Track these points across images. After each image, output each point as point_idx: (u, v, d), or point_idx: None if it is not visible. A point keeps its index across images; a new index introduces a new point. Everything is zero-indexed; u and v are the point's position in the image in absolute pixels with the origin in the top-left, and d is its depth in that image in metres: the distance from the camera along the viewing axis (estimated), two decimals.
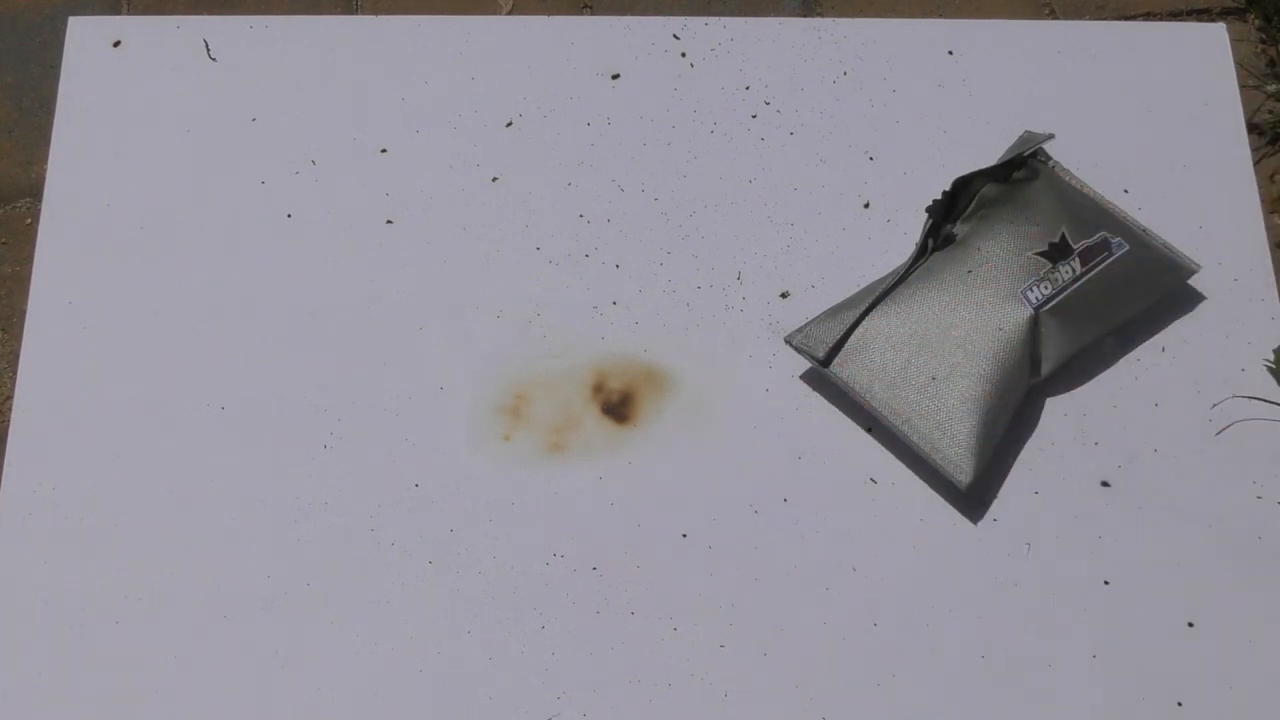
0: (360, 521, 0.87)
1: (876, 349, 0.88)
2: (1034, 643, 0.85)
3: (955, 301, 0.89)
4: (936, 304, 0.89)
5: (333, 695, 0.83)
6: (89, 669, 0.83)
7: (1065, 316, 0.88)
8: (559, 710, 0.83)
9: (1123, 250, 0.90)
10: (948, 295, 0.89)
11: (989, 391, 0.87)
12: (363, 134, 0.98)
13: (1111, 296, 0.90)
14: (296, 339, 0.92)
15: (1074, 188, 0.94)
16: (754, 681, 0.84)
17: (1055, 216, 0.91)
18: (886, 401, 0.88)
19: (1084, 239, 0.90)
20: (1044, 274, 0.89)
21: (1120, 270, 0.90)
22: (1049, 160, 0.95)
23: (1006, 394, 0.87)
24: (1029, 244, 0.90)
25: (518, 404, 0.90)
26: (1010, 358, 0.88)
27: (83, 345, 0.91)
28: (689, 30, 1.02)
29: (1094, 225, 0.91)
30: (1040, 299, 0.88)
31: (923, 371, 0.87)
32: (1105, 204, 0.94)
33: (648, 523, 0.87)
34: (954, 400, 0.87)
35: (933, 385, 0.87)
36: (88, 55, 1.00)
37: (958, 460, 0.86)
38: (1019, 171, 0.93)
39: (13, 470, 0.88)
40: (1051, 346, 0.88)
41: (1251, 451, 0.89)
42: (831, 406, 0.91)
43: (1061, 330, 0.88)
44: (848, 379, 0.88)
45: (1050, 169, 0.94)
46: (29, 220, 0.98)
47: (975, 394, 0.87)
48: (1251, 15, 1.05)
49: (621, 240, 0.95)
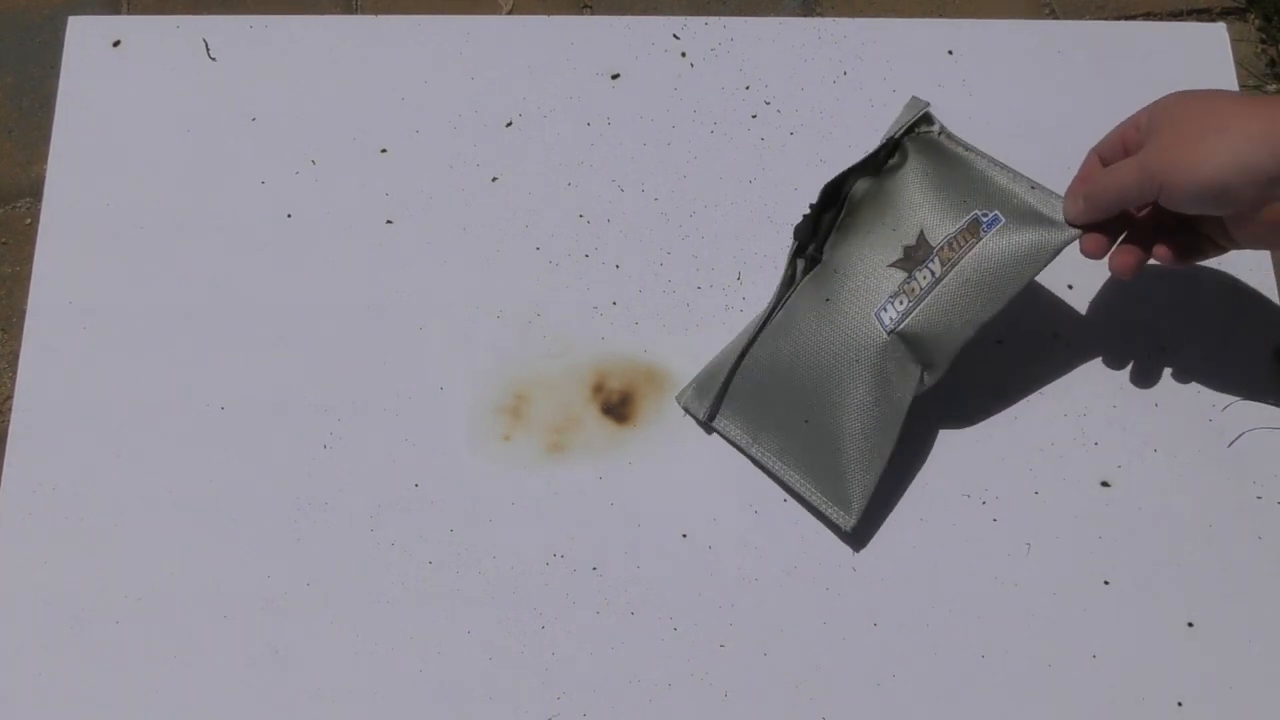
0: (360, 521, 0.87)
1: (749, 397, 0.87)
2: (1034, 643, 0.85)
3: (818, 335, 0.85)
4: (800, 341, 0.85)
5: (333, 695, 0.83)
6: (89, 669, 0.83)
7: (930, 323, 0.83)
8: (559, 710, 0.83)
9: (997, 225, 0.83)
10: (810, 329, 0.85)
11: (864, 426, 0.84)
12: (363, 134, 0.98)
13: (988, 279, 0.83)
14: (296, 339, 0.92)
15: (954, 158, 0.86)
16: (754, 681, 0.84)
17: (915, 211, 0.84)
18: (769, 450, 0.87)
19: (949, 228, 0.84)
20: (899, 287, 0.84)
21: (996, 248, 0.83)
22: (935, 127, 0.87)
23: (884, 421, 0.84)
24: (884, 254, 0.84)
25: (518, 404, 0.90)
26: (880, 385, 0.84)
27: (83, 345, 0.91)
28: (689, 30, 1.02)
29: (965, 205, 0.84)
30: (894, 319, 0.83)
31: (796, 414, 0.86)
32: (990, 168, 0.85)
33: (648, 523, 0.87)
34: (829, 442, 0.84)
35: (806, 428, 0.85)
36: (87, 55, 1.00)
37: (840, 504, 0.85)
38: (891, 159, 0.86)
39: (13, 470, 0.88)
40: (929, 353, 0.84)
41: (1251, 452, 0.89)
42: None
43: (933, 337, 0.83)
44: (730, 434, 0.88)
45: (929, 141, 0.86)
46: (29, 220, 0.98)
47: (852, 430, 0.84)
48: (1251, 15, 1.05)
49: (621, 240, 0.95)
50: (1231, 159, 0.75)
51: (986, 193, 0.85)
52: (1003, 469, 0.89)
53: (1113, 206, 0.81)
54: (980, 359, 0.91)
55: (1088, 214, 0.82)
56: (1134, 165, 0.79)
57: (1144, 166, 0.78)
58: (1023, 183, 0.85)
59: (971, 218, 0.84)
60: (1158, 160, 0.78)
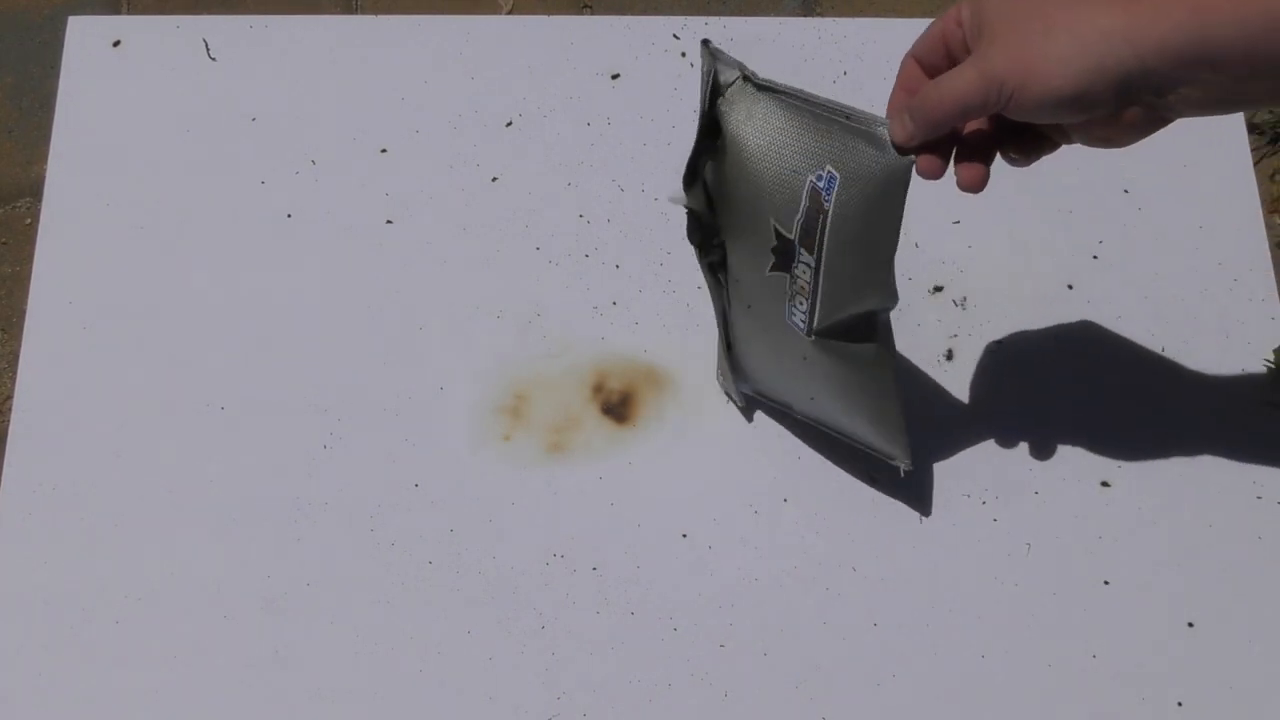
0: (360, 521, 0.87)
1: (760, 375, 0.86)
2: (1034, 643, 0.85)
3: (767, 340, 0.81)
4: (759, 337, 0.82)
5: (333, 695, 0.83)
6: (89, 669, 0.83)
7: (838, 307, 0.75)
8: (559, 710, 0.83)
9: (835, 184, 0.71)
10: (757, 336, 0.82)
11: (854, 403, 0.81)
12: (363, 134, 0.98)
13: (862, 242, 0.73)
14: (296, 339, 0.92)
15: (763, 115, 0.73)
16: (754, 681, 0.84)
17: (758, 204, 0.74)
18: (807, 416, 0.86)
19: (795, 211, 0.73)
20: (790, 289, 0.76)
21: (849, 211, 0.71)
22: (733, 76, 0.74)
23: (870, 389, 0.79)
24: (759, 261, 0.77)
25: (518, 404, 0.90)
26: (842, 368, 0.79)
27: (83, 345, 0.91)
28: (689, 30, 1.02)
29: (796, 175, 0.72)
30: (805, 322, 0.77)
31: (802, 393, 0.85)
32: (799, 112, 0.72)
33: (648, 523, 0.87)
34: (839, 416, 0.83)
35: (813, 404, 0.85)
36: (87, 55, 1.00)
37: (893, 447, 0.83)
38: (718, 138, 0.75)
39: (13, 470, 0.88)
40: (859, 329, 0.76)
41: (1251, 452, 0.89)
42: None
43: (851, 316, 0.75)
44: (769, 402, 0.87)
45: (735, 102, 0.74)
46: (29, 220, 0.98)
47: (849, 406, 0.82)
48: None
49: (621, 240, 0.95)
50: (1091, 62, 0.63)
51: (807, 147, 0.72)
52: (1003, 469, 0.89)
53: (948, 123, 0.68)
54: (980, 359, 0.91)
55: (920, 134, 0.69)
56: (972, 75, 0.66)
57: (985, 75, 0.65)
58: (838, 117, 0.71)
59: (809, 188, 0.72)
60: (1002, 66, 0.65)
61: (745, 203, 0.75)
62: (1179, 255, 0.95)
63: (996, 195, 0.97)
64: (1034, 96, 0.64)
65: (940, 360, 0.92)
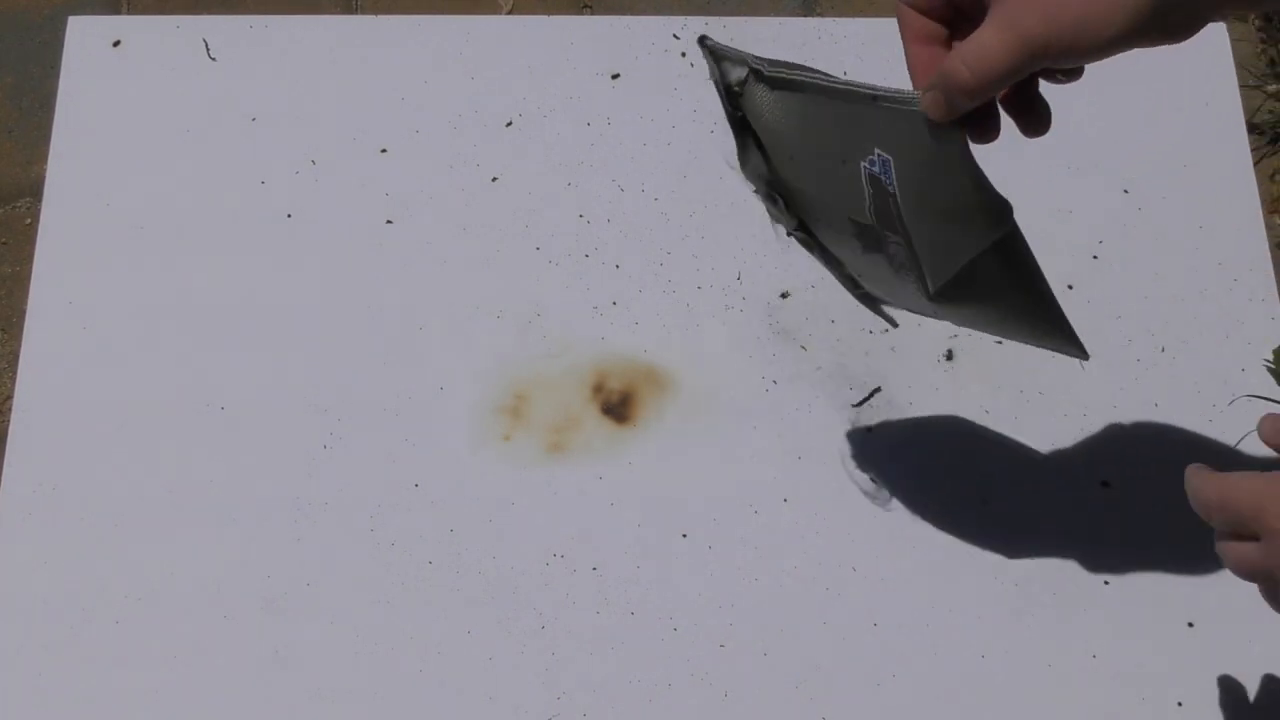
0: (360, 521, 0.87)
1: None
2: (1034, 643, 0.85)
3: (895, 297, 0.77)
4: (891, 297, 0.78)
5: (333, 695, 0.83)
6: (89, 669, 0.83)
7: (944, 263, 0.71)
8: (559, 710, 0.83)
9: (890, 165, 0.68)
10: (882, 290, 0.78)
11: (1011, 324, 0.74)
12: (363, 134, 0.98)
13: (940, 209, 0.69)
14: (296, 339, 0.92)
15: (799, 121, 0.70)
16: (754, 681, 0.84)
17: (822, 197, 0.72)
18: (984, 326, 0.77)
19: (861, 199, 0.70)
20: (891, 266, 0.73)
21: (913, 188, 0.68)
22: (749, 77, 0.70)
23: (1024, 302, 0.72)
24: (849, 245, 0.74)
25: (518, 404, 0.90)
26: (978, 307, 0.73)
27: (83, 345, 0.91)
28: (689, 30, 1.02)
29: (847, 163, 0.69)
30: (920, 290, 0.73)
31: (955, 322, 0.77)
32: (830, 102, 0.68)
33: (648, 523, 0.87)
34: (1005, 329, 0.75)
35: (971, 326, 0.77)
36: (87, 55, 1.00)
37: (1068, 346, 0.76)
38: (750, 135, 0.72)
39: (13, 470, 0.88)
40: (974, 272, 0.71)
41: (1251, 452, 0.89)
42: (831, 406, 0.91)
43: (960, 263, 0.70)
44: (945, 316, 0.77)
45: (755, 101, 0.71)
46: (29, 220, 0.98)
47: (1010, 327, 0.75)
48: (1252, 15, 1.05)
49: (621, 240, 0.95)
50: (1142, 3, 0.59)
51: (846, 135, 0.69)
52: (1003, 469, 0.89)
53: (987, 96, 0.63)
54: (981, 359, 0.91)
55: (960, 110, 0.64)
56: (1008, 40, 0.60)
57: (1023, 39, 0.60)
58: (863, 99, 0.67)
59: (866, 175, 0.69)
60: (1038, 25, 0.60)
61: (809, 195, 0.73)
62: (1179, 255, 0.95)
63: None
64: (1084, 49, 0.60)
65: (940, 360, 0.92)
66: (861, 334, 0.92)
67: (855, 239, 0.73)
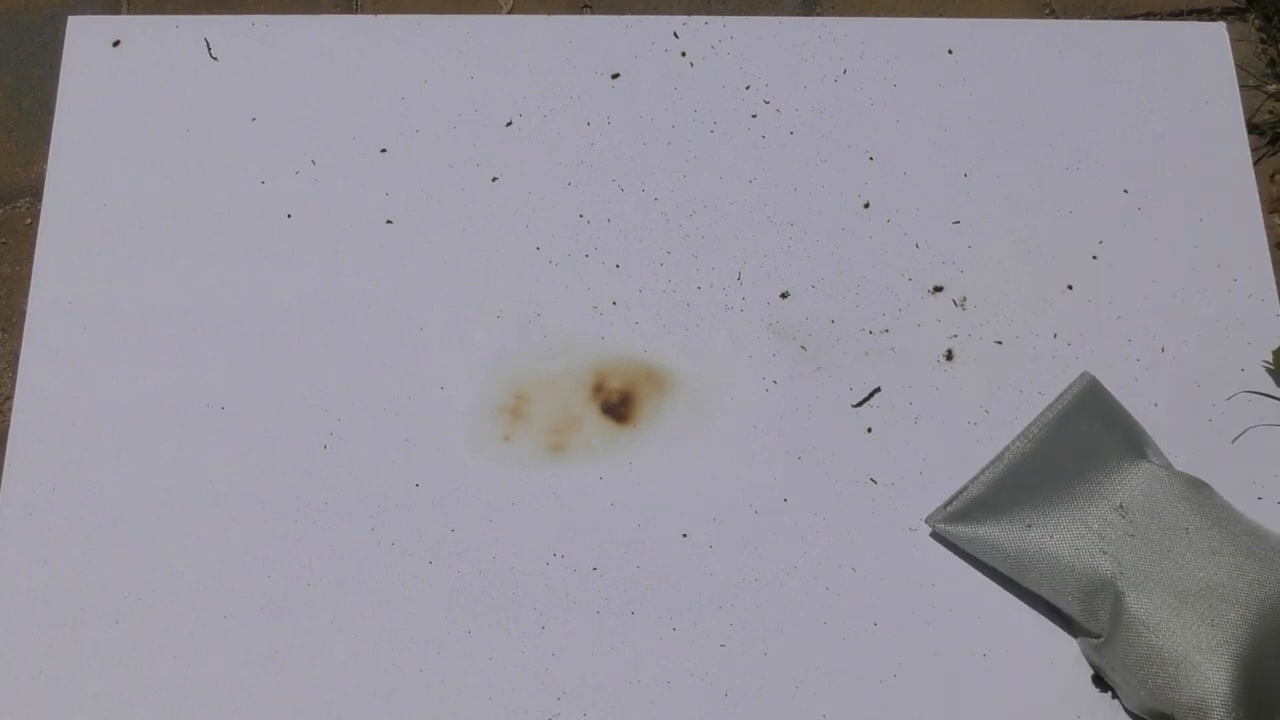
0: (360, 521, 0.87)
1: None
2: (1034, 643, 0.85)
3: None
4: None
5: (333, 695, 0.83)
6: (89, 669, 0.83)
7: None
8: (559, 710, 0.83)
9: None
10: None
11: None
12: (363, 134, 0.98)
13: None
14: (296, 339, 0.92)
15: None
16: (754, 681, 0.84)
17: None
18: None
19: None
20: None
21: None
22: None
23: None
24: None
25: (518, 404, 0.90)
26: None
27: (83, 345, 0.91)
28: (689, 29, 1.02)
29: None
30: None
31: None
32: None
33: (648, 523, 0.87)
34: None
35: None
36: (87, 55, 1.00)
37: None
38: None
39: (13, 470, 0.88)
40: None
41: (1251, 452, 0.89)
42: (831, 406, 0.91)
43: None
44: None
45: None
46: (29, 220, 0.98)
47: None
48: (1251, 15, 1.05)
49: (621, 240, 0.95)
50: None
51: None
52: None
53: None
54: (981, 359, 0.91)
55: None
56: None
57: None
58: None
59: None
60: None
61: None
62: (1179, 255, 0.95)
63: (996, 195, 0.98)
64: None
65: (940, 360, 0.92)
66: (861, 334, 0.92)
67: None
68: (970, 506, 0.85)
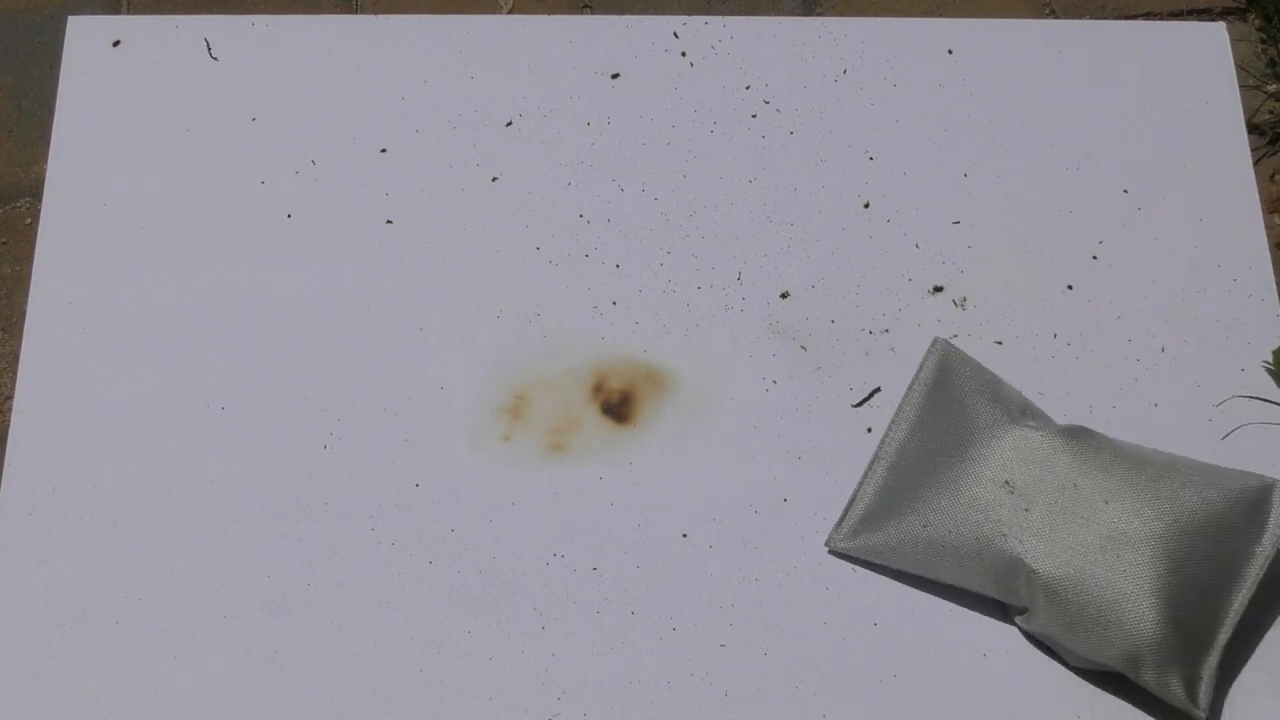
0: (360, 521, 0.87)
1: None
2: (1035, 642, 0.85)
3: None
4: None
5: (333, 695, 0.83)
6: (89, 669, 0.83)
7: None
8: (559, 710, 0.83)
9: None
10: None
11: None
12: (363, 134, 0.98)
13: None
14: (296, 339, 0.92)
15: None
16: (754, 681, 0.84)
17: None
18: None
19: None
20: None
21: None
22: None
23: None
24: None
25: (518, 404, 0.90)
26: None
27: (83, 345, 0.91)
28: (689, 29, 1.02)
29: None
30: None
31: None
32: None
33: (648, 523, 0.87)
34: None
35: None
36: (87, 55, 1.00)
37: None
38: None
39: (13, 470, 0.88)
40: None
41: (1251, 452, 0.89)
42: (831, 407, 0.91)
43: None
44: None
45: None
46: (29, 220, 0.98)
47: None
48: (1251, 15, 1.05)
49: (621, 240, 0.95)
50: None
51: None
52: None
53: None
54: (981, 359, 0.91)
55: None
56: None
57: None
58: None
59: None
60: None
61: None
62: (1179, 255, 0.95)
63: (996, 195, 0.98)
64: None
65: None
66: (861, 334, 0.92)
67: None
68: (864, 521, 0.86)
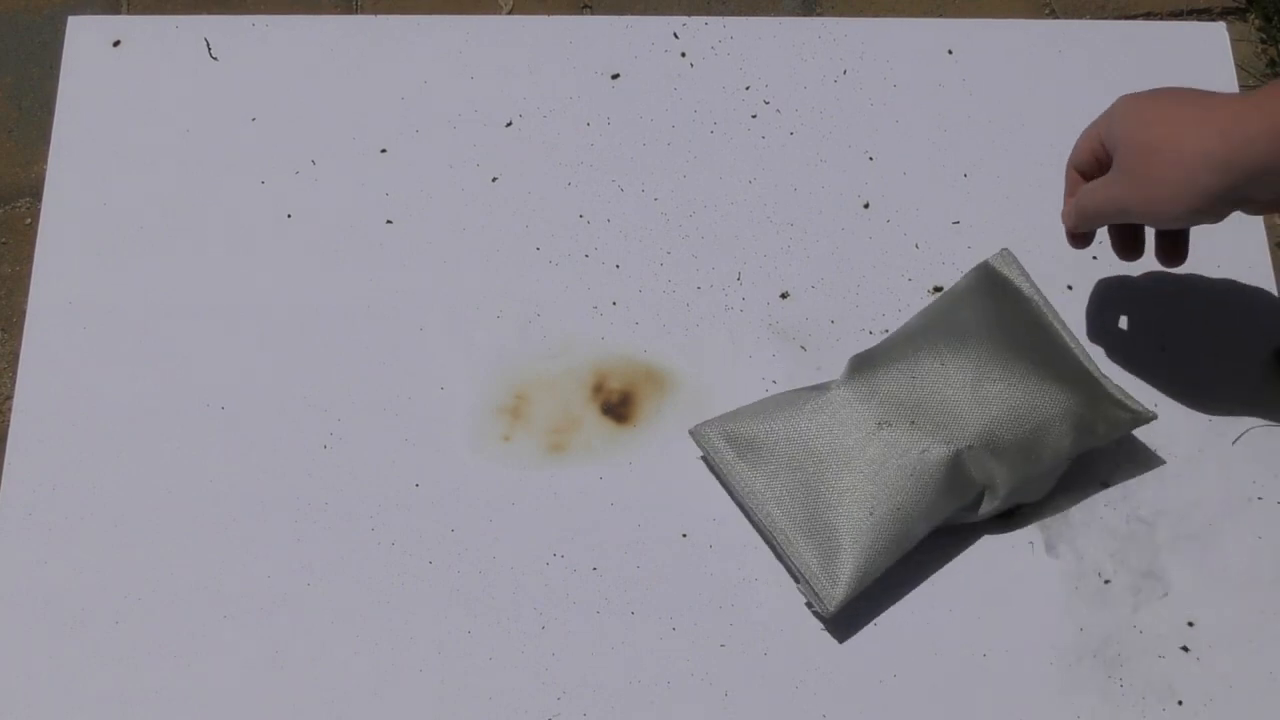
0: (360, 521, 0.87)
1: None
2: (1034, 643, 0.85)
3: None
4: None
5: (333, 695, 0.83)
6: (89, 669, 0.83)
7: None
8: (559, 710, 0.83)
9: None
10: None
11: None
12: (363, 134, 0.98)
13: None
14: (296, 339, 0.92)
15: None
16: (754, 681, 0.84)
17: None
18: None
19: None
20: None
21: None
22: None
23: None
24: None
25: (518, 404, 0.90)
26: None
27: (83, 345, 0.91)
28: (689, 30, 1.02)
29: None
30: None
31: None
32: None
33: (648, 523, 0.87)
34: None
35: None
36: (87, 55, 1.00)
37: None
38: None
39: (13, 470, 0.88)
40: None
41: (1251, 452, 0.89)
42: None
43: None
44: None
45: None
46: (29, 220, 0.98)
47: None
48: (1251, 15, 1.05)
49: (621, 240, 0.95)
50: (1199, 192, 0.77)
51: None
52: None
53: (1096, 225, 0.86)
54: None
55: (1080, 229, 0.87)
56: (1110, 194, 0.82)
57: (1114, 200, 0.81)
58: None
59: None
60: (1127, 195, 0.80)
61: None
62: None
63: (996, 195, 0.98)
64: (1155, 219, 0.81)
65: None
66: (861, 334, 0.92)
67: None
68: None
